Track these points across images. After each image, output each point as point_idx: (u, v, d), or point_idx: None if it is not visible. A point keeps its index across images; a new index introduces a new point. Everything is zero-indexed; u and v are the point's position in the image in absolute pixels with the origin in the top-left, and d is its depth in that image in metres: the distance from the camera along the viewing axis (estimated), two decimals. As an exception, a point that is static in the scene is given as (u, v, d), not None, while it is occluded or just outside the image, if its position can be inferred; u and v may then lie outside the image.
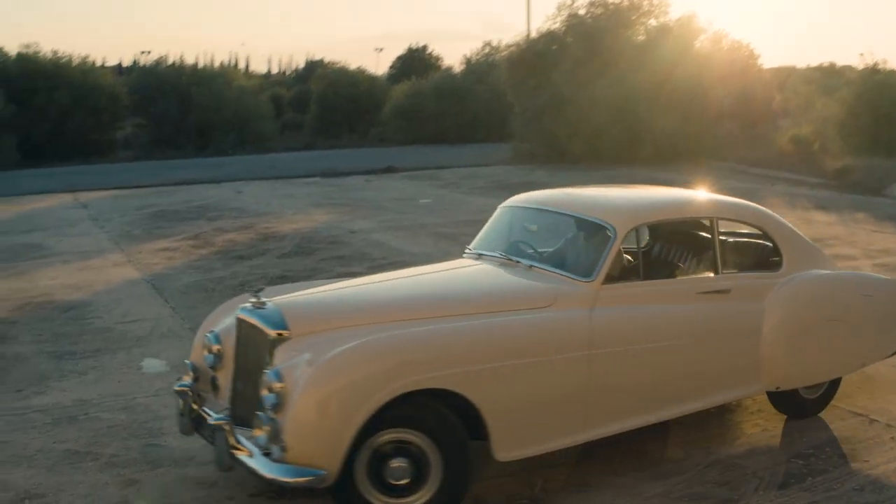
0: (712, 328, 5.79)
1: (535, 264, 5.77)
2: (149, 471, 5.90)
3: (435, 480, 4.84)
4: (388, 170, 20.82)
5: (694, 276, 6.08)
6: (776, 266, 6.22)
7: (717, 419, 6.41)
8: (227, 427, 4.87)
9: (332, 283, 6.06)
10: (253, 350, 5.18)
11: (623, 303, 5.51)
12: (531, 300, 5.39)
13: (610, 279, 5.48)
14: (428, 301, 5.42)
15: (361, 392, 4.62)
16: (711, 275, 5.97)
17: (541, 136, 21.84)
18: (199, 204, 16.72)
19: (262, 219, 14.94)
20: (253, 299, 5.32)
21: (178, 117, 27.77)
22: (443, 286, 5.78)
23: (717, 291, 5.88)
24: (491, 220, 6.56)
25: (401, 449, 4.78)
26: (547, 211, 6.30)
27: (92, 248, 13.17)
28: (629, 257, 5.69)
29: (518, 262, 5.85)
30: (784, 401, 6.28)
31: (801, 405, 6.33)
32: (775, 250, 6.28)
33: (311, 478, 4.58)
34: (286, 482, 4.64)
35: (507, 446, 5.02)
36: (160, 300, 10.12)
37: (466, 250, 6.42)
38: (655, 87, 20.94)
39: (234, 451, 4.84)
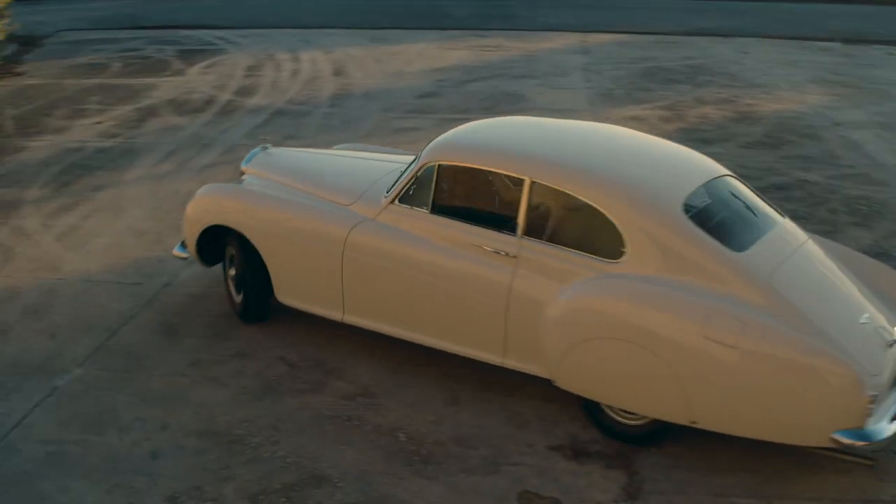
0: (471, 283, 5.84)
1: (398, 174, 6.49)
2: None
3: (247, 290, 7.00)
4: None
5: (481, 229, 5.85)
6: (614, 255, 5.44)
7: None
8: None
9: (346, 148, 8.38)
10: None
11: (399, 225, 6.19)
12: (340, 196, 6.62)
13: (401, 202, 6.20)
14: (303, 177, 7.00)
15: (197, 218, 7.13)
16: (504, 234, 5.75)
17: None
18: (695, 63, 16.27)
19: (750, 92, 14.21)
20: (264, 145, 7.74)
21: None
22: (330, 170, 7.15)
23: (497, 252, 5.74)
24: None
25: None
26: None
27: (567, 105, 13.49)
28: (428, 189, 6.06)
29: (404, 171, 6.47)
30: (590, 408, 5.77)
31: (608, 424, 5.70)
32: (617, 237, 5.42)
33: (181, 254, 7.53)
34: (173, 254, 7.66)
35: (282, 293, 6.85)
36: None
37: None
38: None
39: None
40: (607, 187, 5.61)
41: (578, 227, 5.71)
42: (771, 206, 6.13)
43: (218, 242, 7.20)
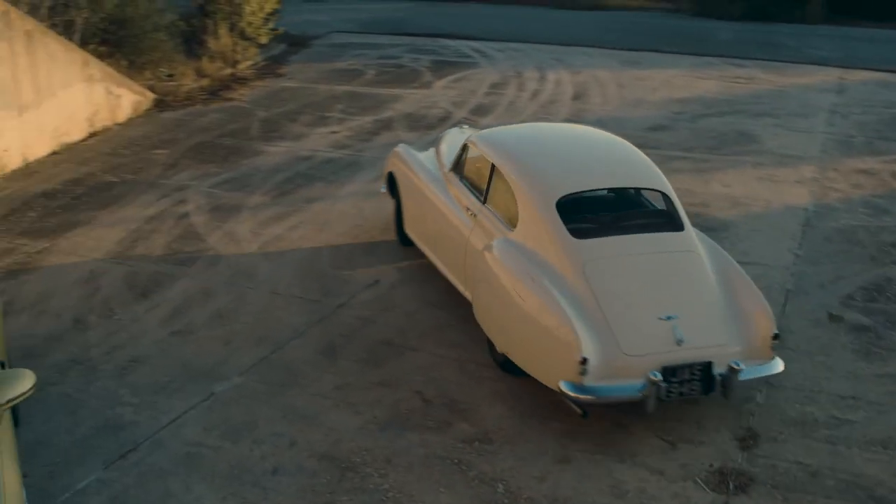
0: (458, 231, 8.09)
1: None
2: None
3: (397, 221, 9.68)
4: None
5: (470, 196, 8.12)
6: (513, 225, 7.39)
7: None
8: None
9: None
10: None
11: (448, 185, 8.58)
12: (443, 161, 9.01)
13: (452, 169, 8.63)
14: (445, 147, 9.38)
15: (387, 164, 9.86)
16: (476, 200, 7.99)
17: None
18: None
19: None
20: (461, 125, 10.70)
21: None
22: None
23: (471, 213, 7.98)
24: None
25: None
26: None
27: (796, 151, 13.21)
28: (462, 162, 8.50)
29: None
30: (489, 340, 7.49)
31: (492, 353, 7.50)
32: (516, 212, 7.37)
33: (383, 190, 9.97)
34: (380, 190, 10.13)
35: (406, 226, 9.36)
36: (793, 243, 10.08)
37: None
38: None
39: None
40: (524, 175, 7.54)
41: (506, 202, 7.57)
42: (678, 220, 7.44)
43: None
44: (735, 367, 6.54)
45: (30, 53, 11.95)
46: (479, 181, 8.08)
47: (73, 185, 11.48)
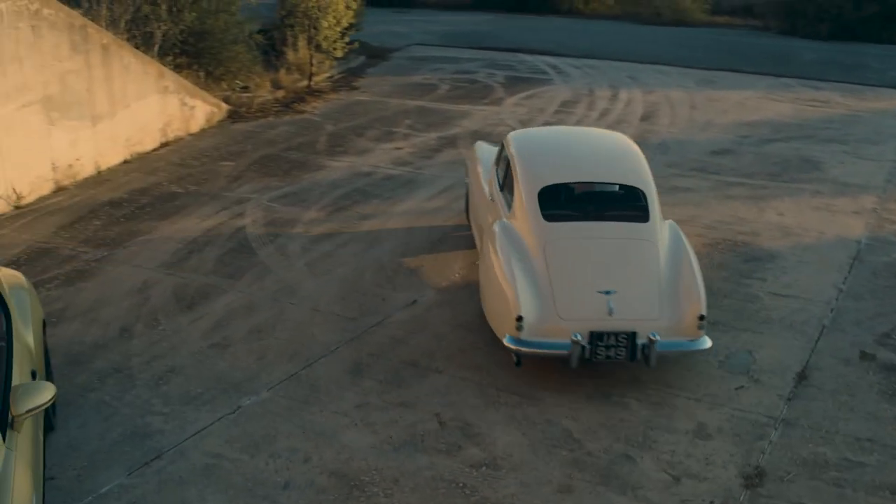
0: (484, 211, 9.45)
1: None
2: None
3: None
4: None
5: (496, 184, 9.32)
6: (510, 207, 8.69)
7: None
8: None
9: None
10: None
11: (492, 176, 9.60)
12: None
13: (495, 163, 9.70)
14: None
15: (466, 157, 11.14)
16: (496, 186, 9.28)
17: None
18: None
19: None
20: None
21: None
22: None
23: (491, 198, 9.30)
24: None
25: None
26: None
27: (860, 180, 13.12)
28: (500, 157, 9.55)
29: None
30: None
31: None
32: (514, 199, 8.63)
33: (466, 179, 11.04)
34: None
35: (470, 211, 10.46)
36: (839, 277, 10.06)
37: None
38: None
39: None
40: (522, 168, 8.73)
41: (511, 190, 8.74)
42: (647, 213, 8.41)
43: None
44: (652, 338, 7.54)
45: (105, 66, 12.53)
46: (503, 172, 9.25)
47: (139, 195, 12.01)
